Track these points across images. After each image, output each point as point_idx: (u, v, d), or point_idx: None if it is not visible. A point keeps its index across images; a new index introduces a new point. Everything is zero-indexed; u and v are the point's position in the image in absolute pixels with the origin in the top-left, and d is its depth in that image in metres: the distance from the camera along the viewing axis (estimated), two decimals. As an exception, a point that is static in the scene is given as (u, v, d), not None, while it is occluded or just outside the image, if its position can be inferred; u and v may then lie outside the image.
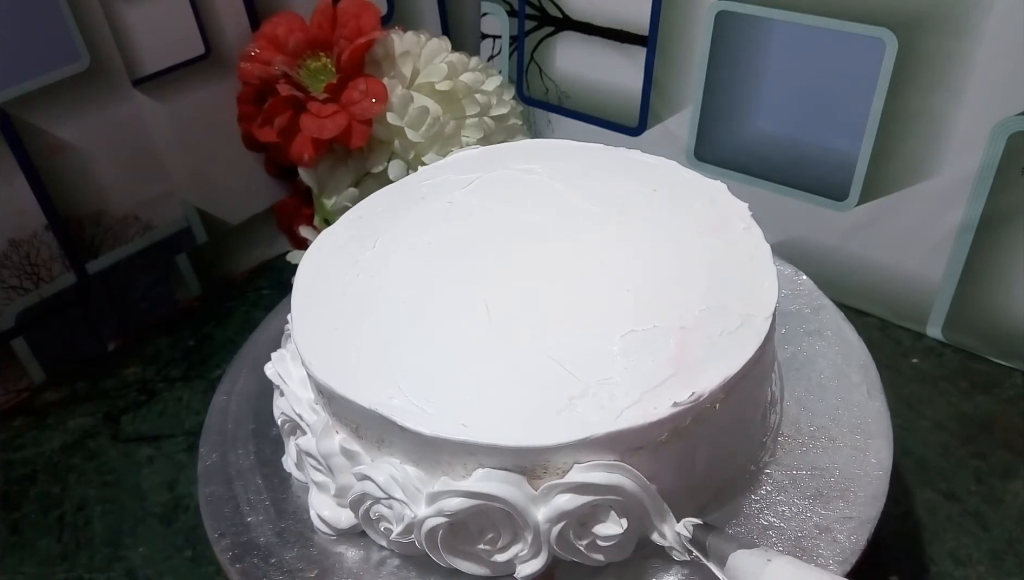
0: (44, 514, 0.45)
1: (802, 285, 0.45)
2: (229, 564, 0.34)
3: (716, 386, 0.30)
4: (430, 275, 0.36)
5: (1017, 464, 0.43)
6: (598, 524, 0.30)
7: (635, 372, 0.31)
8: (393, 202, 0.42)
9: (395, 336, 0.34)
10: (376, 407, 0.30)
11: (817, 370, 0.40)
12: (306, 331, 0.35)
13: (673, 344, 0.32)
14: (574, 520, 0.30)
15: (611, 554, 0.31)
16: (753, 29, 0.54)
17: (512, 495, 0.29)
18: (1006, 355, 0.49)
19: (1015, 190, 0.45)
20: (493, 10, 0.64)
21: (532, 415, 0.30)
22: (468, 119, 0.53)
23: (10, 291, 0.49)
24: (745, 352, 0.32)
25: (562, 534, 0.30)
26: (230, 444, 0.39)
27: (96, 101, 0.49)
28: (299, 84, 0.50)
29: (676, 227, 0.38)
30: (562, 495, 0.30)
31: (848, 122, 0.49)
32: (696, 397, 0.30)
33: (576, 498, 0.30)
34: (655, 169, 0.42)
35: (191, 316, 0.57)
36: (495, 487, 0.29)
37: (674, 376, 0.31)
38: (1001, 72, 0.43)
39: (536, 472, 0.30)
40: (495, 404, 0.30)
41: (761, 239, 0.37)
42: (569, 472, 0.29)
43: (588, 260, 0.36)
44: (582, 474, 0.29)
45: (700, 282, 0.35)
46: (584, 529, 0.31)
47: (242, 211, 0.60)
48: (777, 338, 0.39)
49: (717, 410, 0.31)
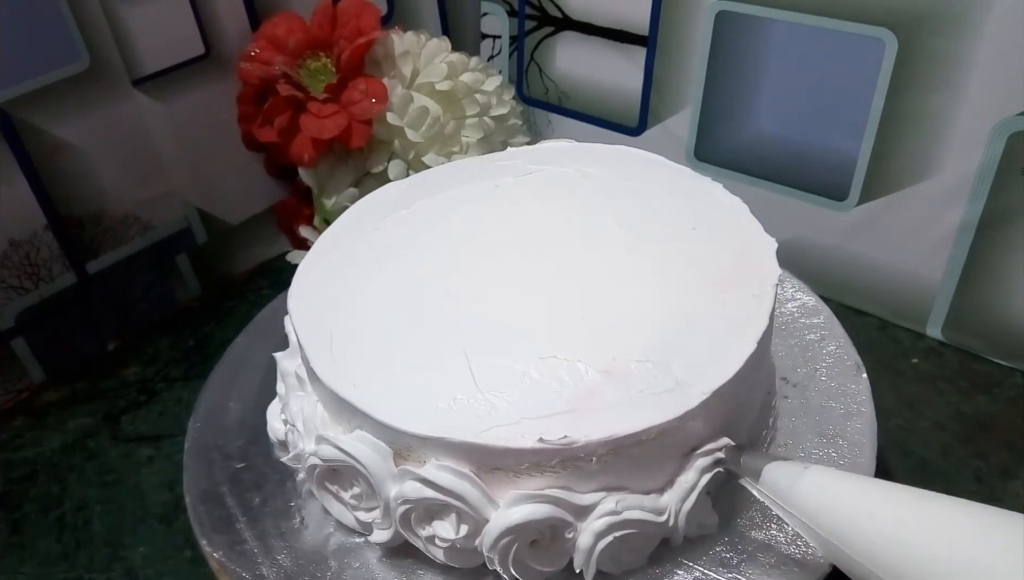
0: (44, 514, 0.44)
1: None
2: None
3: (595, 440, 0.29)
4: (407, 269, 0.38)
5: (1017, 464, 0.43)
6: (437, 521, 0.32)
7: (532, 396, 0.31)
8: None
9: (355, 309, 0.36)
10: (308, 350, 0.34)
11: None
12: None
13: (586, 384, 0.31)
14: (420, 509, 0.32)
15: (450, 557, 0.33)
16: (753, 29, 0.54)
17: (373, 465, 0.32)
18: (1006, 355, 0.49)
19: (1015, 190, 0.45)
20: (493, 10, 0.64)
21: (416, 401, 0.31)
22: (468, 119, 0.53)
23: (10, 291, 0.49)
24: (644, 421, 0.30)
25: (406, 516, 0.32)
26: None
27: (96, 101, 0.49)
28: (299, 84, 0.50)
29: (690, 269, 0.36)
30: (412, 482, 0.31)
31: (848, 122, 0.49)
32: (567, 442, 0.29)
33: (422, 489, 0.31)
34: (700, 199, 0.40)
35: (191, 316, 0.57)
36: (361, 451, 0.32)
37: (568, 414, 0.30)
38: (1001, 72, 0.43)
39: (402, 453, 0.32)
40: (396, 382, 0.32)
41: (767, 313, 0.34)
42: (425, 465, 0.31)
43: (574, 278, 0.36)
44: (432, 471, 0.31)
45: (666, 335, 0.33)
46: (428, 522, 0.32)
47: (242, 211, 0.60)
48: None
49: (594, 465, 0.30)
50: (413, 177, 0.45)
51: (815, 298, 0.45)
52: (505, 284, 0.36)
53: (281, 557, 0.35)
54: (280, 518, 0.37)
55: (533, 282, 0.36)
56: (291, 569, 0.34)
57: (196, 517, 0.37)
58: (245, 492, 0.38)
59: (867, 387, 0.39)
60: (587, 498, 0.31)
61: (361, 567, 0.34)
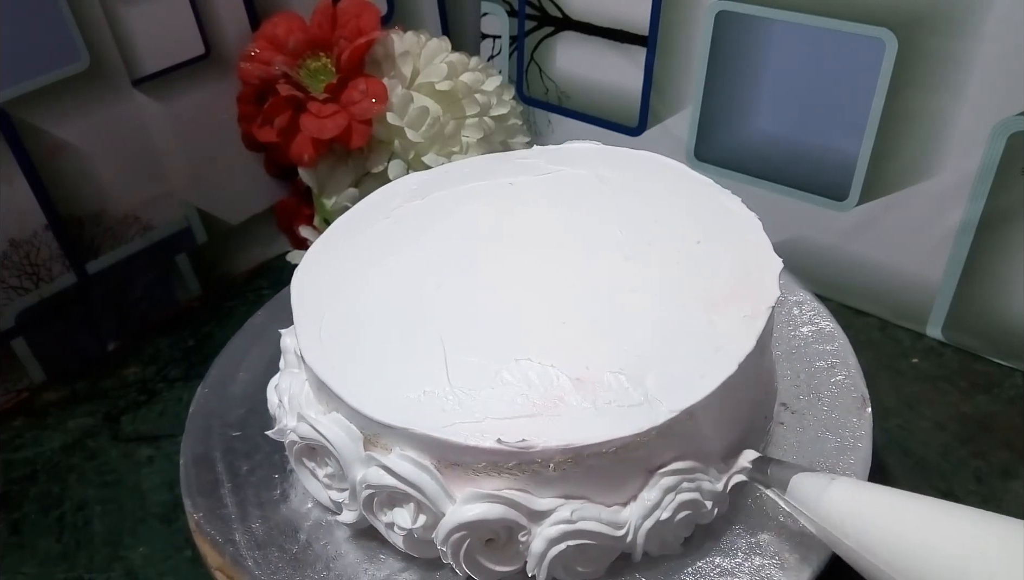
0: (44, 514, 0.44)
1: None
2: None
3: (552, 447, 0.29)
4: (407, 259, 0.39)
5: (1017, 464, 0.43)
6: (398, 509, 0.32)
7: (499, 397, 0.31)
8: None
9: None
10: (299, 329, 0.35)
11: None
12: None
13: (555, 390, 0.31)
14: (383, 495, 0.32)
15: (408, 545, 0.33)
16: (753, 29, 0.54)
17: (344, 448, 0.32)
18: (1006, 355, 0.49)
19: (1015, 190, 0.45)
20: (493, 10, 0.64)
21: (389, 390, 0.32)
22: (468, 119, 0.53)
23: (10, 291, 0.49)
24: (604, 433, 0.30)
25: (369, 500, 0.33)
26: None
27: (96, 101, 0.49)
28: (299, 84, 0.50)
29: (687, 283, 0.36)
30: (376, 468, 0.32)
31: (848, 122, 0.49)
32: (525, 446, 0.29)
33: (384, 476, 0.32)
34: (714, 212, 0.39)
35: (191, 316, 0.57)
36: (334, 433, 0.33)
37: (531, 418, 0.30)
38: (1001, 72, 0.43)
39: (371, 439, 0.32)
40: (373, 369, 0.33)
41: (755, 336, 0.33)
42: (391, 453, 0.32)
43: (566, 282, 0.36)
44: (395, 459, 0.31)
45: (646, 348, 0.32)
46: (389, 508, 0.33)
47: (242, 211, 0.60)
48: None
49: (552, 471, 0.30)
50: (439, 168, 0.46)
51: (833, 324, 0.43)
52: (496, 282, 0.37)
53: (256, 525, 0.36)
54: (262, 488, 0.38)
55: (524, 282, 0.36)
56: (261, 538, 0.36)
57: (186, 478, 0.38)
58: (235, 460, 0.39)
59: (868, 422, 0.38)
60: (544, 503, 0.31)
61: (328, 544, 0.35)
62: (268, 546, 0.35)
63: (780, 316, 0.43)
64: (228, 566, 0.35)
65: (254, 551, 0.35)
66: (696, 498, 0.32)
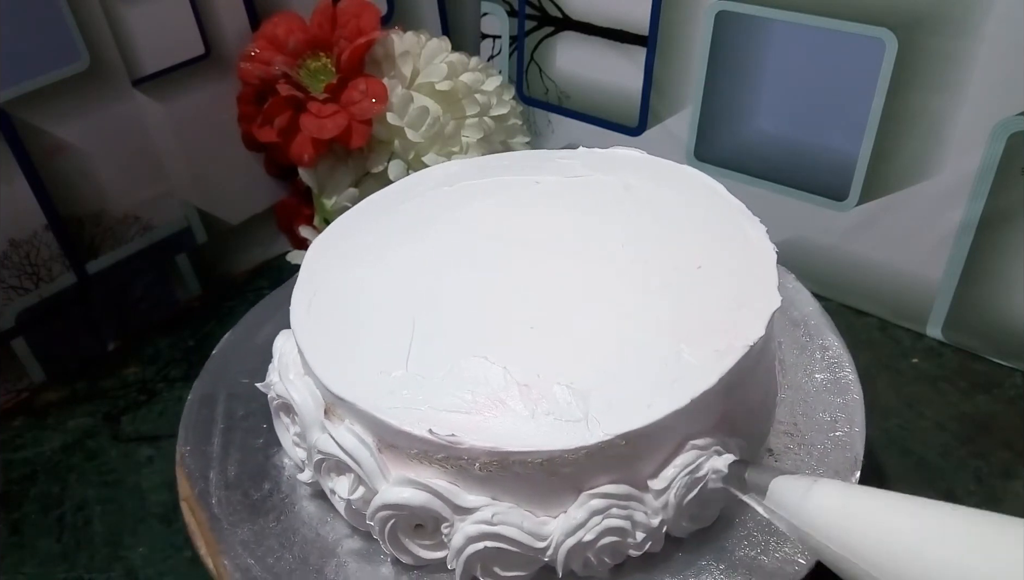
0: (44, 514, 0.44)
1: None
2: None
3: (478, 447, 0.29)
4: (411, 245, 0.39)
5: (1017, 464, 0.43)
6: (340, 477, 0.34)
7: (447, 389, 0.31)
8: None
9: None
10: (294, 296, 0.37)
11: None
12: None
13: (499, 392, 0.31)
14: (331, 462, 0.34)
15: (347, 514, 0.35)
16: (753, 29, 0.54)
17: (307, 411, 0.34)
18: (1006, 355, 0.49)
19: (1015, 190, 0.45)
20: (493, 10, 0.64)
21: (352, 364, 0.33)
22: (468, 119, 0.53)
23: (10, 291, 0.49)
24: (530, 443, 0.29)
25: (319, 464, 0.34)
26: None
27: (96, 101, 0.49)
28: (299, 84, 0.50)
29: (671, 306, 0.34)
30: (325, 436, 0.33)
31: (848, 122, 0.49)
32: (453, 440, 0.29)
33: (331, 444, 0.33)
34: (730, 236, 0.38)
35: (191, 316, 0.57)
36: (301, 396, 0.34)
37: (468, 415, 0.30)
38: (1001, 72, 0.43)
39: (330, 408, 0.34)
40: (345, 343, 0.34)
41: (718, 374, 0.31)
42: (341, 425, 0.33)
43: (551, 288, 0.36)
44: (340, 430, 0.33)
45: (603, 366, 0.32)
46: (335, 475, 0.34)
47: (242, 211, 0.60)
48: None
49: (478, 471, 0.30)
50: (481, 157, 0.46)
51: (854, 376, 0.40)
52: (482, 278, 0.37)
53: (231, 467, 0.38)
54: (249, 435, 0.40)
55: (510, 282, 0.36)
56: (231, 479, 0.38)
57: (188, 414, 0.41)
58: (235, 404, 0.41)
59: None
60: (470, 500, 0.31)
61: (287, 497, 0.37)
62: (235, 488, 0.37)
63: (799, 359, 0.41)
64: (193, 499, 0.37)
65: (221, 490, 0.37)
66: (624, 526, 0.31)
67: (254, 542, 0.35)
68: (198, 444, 0.39)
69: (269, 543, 0.35)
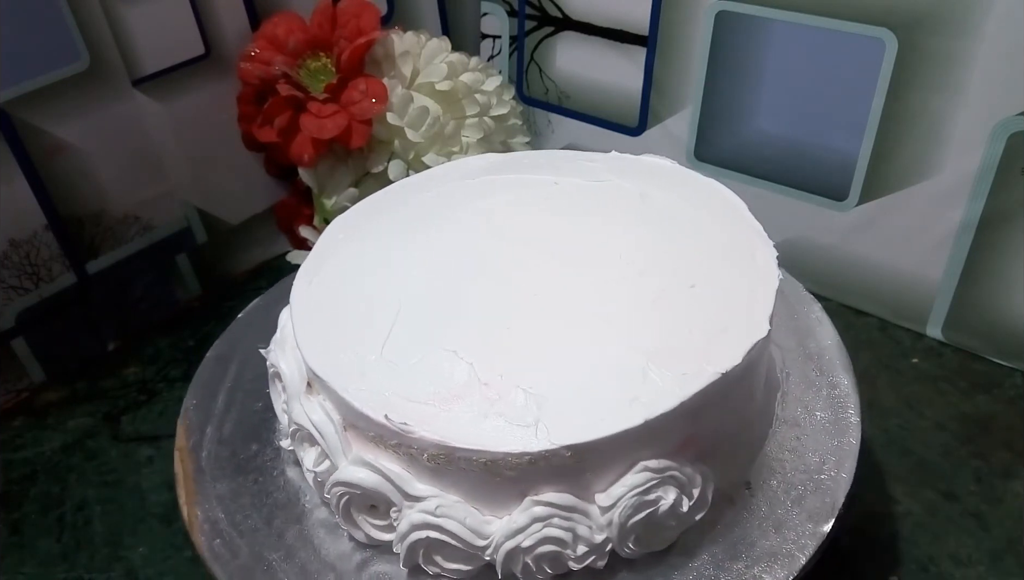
0: (44, 514, 0.45)
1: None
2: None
3: (425, 439, 0.30)
4: (415, 236, 0.40)
5: (1017, 464, 0.43)
6: (310, 448, 0.35)
7: (414, 378, 0.32)
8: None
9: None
10: (297, 276, 0.38)
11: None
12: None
13: (461, 387, 0.31)
14: (304, 433, 0.34)
15: (315, 484, 0.35)
16: (753, 29, 0.54)
17: (292, 384, 0.35)
18: (1006, 355, 0.49)
19: (1015, 190, 0.45)
20: (493, 10, 0.64)
21: (334, 343, 0.34)
22: (468, 119, 0.53)
23: (10, 291, 0.49)
24: (475, 442, 0.29)
25: (294, 434, 0.35)
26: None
27: (96, 101, 0.50)
28: (299, 84, 0.50)
29: (658, 321, 0.34)
30: (300, 408, 0.34)
31: (848, 122, 0.49)
32: (404, 428, 0.30)
33: (303, 417, 0.34)
34: (738, 254, 0.37)
35: (191, 316, 0.57)
36: (288, 369, 0.36)
37: (426, 405, 0.31)
38: (1001, 72, 0.43)
39: (310, 382, 0.35)
40: (333, 323, 0.35)
41: (679, 398, 0.30)
42: (315, 399, 0.34)
43: (541, 290, 0.36)
44: (312, 405, 0.34)
45: (566, 375, 0.32)
46: (307, 446, 0.35)
47: (242, 211, 0.60)
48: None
49: (426, 462, 0.30)
50: (511, 154, 0.47)
51: (856, 420, 0.37)
52: (475, 275, 0.37)
53: (227, 425, 0.39)
54: (251, 396, 0.41)
55: (501, 281, 0.36)
56: (225, 436, 0.39)
57: (198, 375, 0.42)
58: (245, 367, 0.42)
59: (821, 536, 0.33)
60: (419, 488, 0.31)
61: (271, 460, 0.38)
62: (226, 445, 0.38)
63: (804, 393, 0.39)
64: (185, 451, 0.38)
65: (213, 444, 0.38)
66: (565, 537, 0.31)
67: (229, 498, 0.36)
68: (203, 400, 0.41)
69: (242, 501, 0.36)
